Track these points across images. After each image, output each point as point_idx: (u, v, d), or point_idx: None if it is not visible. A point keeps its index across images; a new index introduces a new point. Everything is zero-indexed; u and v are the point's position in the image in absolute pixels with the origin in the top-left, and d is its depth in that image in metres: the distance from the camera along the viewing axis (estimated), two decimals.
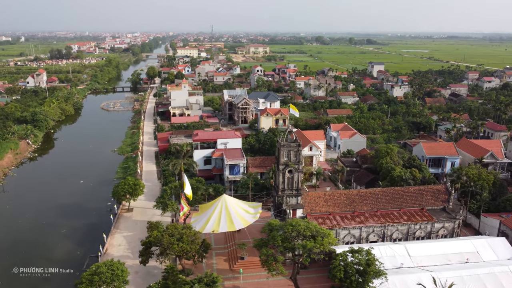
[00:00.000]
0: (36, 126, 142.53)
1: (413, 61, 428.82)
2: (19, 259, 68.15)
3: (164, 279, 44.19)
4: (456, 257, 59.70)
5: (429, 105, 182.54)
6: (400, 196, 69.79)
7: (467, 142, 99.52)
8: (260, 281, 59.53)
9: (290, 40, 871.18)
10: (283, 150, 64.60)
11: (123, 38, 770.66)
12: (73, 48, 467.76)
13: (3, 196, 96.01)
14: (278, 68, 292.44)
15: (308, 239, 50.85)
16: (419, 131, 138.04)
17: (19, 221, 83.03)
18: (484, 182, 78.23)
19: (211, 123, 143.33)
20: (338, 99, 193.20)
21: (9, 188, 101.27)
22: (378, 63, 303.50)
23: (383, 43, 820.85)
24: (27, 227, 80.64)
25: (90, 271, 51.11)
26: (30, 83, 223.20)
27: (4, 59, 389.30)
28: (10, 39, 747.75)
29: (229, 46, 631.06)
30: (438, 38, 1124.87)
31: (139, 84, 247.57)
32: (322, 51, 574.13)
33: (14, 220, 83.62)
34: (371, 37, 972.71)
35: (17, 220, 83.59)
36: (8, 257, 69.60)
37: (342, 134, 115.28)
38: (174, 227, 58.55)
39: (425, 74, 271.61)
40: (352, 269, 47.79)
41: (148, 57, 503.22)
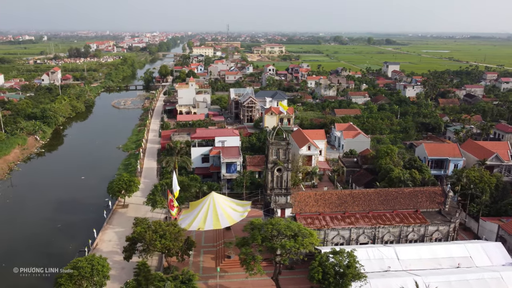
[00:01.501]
0: (45, 122, 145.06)
1: (432, 61, 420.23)
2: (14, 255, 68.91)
3: (136, 275, 43.82)
4: (447, 262, 57.64)
5: (442, 106, 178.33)
6: (394, 198, 67.93)
7: (473, 144, 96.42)
8: (244, 280, 58.69)
9: (308, 40, 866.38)
10: (272, 148, 63.66)
11: (142, 38, 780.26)
12: (91, 47, 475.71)
13: (6, 190, 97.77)
14: (291, 68, 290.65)
15: (289, 239, 49.78)
16: (428, 132, 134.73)
17: (17, 215, 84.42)
18: (486, 185, 75.51)
19: (216, 122, 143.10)
20: (348, 99, 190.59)
21: (12, 182, 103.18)
22: (393, 63, 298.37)
23: (402, 43, 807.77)
24: (24, 221, 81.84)
25: (70, 266, 51.19)
26: (45, 80, 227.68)
27: (24, 57, 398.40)
28: (33, 38, 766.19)
29: (245, 46, 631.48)
30: (460, 39, 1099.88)
31: (151, 82, 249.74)
32: (339, 51, 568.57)
33: (12, 214, 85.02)
34: (391, 37, 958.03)
35: (15, 214, 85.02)
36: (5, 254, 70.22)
37: (346, 134, 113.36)
38: (158, 223, 58.29)
39: (441, 74, 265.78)
40: (330, 270, 46.50)
41: (165, 56, 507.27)
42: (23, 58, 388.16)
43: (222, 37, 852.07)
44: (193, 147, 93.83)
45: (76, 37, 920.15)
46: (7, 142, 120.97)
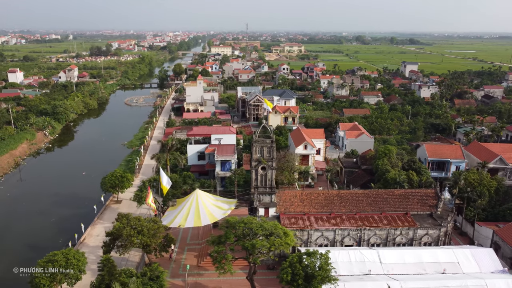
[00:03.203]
0: (55, 118, 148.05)
1: (454, 61, 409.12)
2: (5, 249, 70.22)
3: (100, 270, 43.67)
4: (432, 267, 55.33)
5: (458, 106, 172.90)
6: (383, 199, 65.79)
7: (478, 146, 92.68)
8: (223, 279, 57.86)
9: (330, 39, 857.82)
10: (256, 146, 62.66)
11: (164, 37, 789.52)
12: (112, 45, 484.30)
13: (9, 184, 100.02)
14: (307, 67, 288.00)
15: (261, 238, 48.69)
16: (437, 134, 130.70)
17: (15, 208, 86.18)
18: (485, 188, 72.37)
19: (222, 120, 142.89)
20: (360, 98, 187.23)
21: (16, 176, 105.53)
22: (411, 63, 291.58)
23: (427, 43, 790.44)
24: (20, 214, 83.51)
25: (46, 259, 51.53)
26: (62, 78, 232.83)
27: (48, 55, 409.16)
28: (59, 37, 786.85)
29: (265, 45, 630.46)
30: (488, 39, 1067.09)
31: (166, 80, 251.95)
32: (360, 51, 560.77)
33: (11, 207, 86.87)
34: (416, 37, 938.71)
35: (13, 207, 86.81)
36: None
37: (348, 134, 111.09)
38: (138, 219, 58.13)
39: (461, 74, 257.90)
40: (299, 272, 45.17)
41: (186, 55, 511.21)
42: (46, 56, 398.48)
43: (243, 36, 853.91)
44: (189, 145, 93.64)
45: (101, 36, 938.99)
46: (16, 137, 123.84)
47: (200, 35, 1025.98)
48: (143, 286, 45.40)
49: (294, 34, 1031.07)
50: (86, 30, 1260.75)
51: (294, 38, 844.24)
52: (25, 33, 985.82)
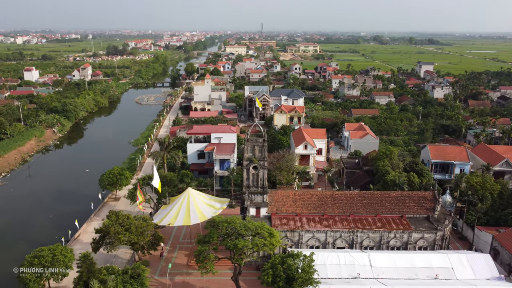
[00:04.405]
0: (65, 116, 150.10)
1: (473, 62, 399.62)
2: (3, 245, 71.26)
3: (78, 267, 43.59)
4: (424, 272, 53.57)
5: (472, 108, 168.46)
6: (379, 201, 64.14)
7: (484, 148, 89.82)
8: (211, 279, 57.28)
9: (347, 39, 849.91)
10: (247, 145, 61.88)
11: (180, 36, 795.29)
12: (129, 45, 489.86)
13: (14, 179, 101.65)
14: (320, 67, 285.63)
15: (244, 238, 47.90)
16: (445, 135, 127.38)
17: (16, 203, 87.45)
18: (487, 191, 69.83)
19: (229, 119, 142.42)
20: (371, 98, 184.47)
21: (21, 172, 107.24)
22: (427, 63, 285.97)
23: (447, 43, 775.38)
24: (22, 209, 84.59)
25: (33, 254, 51.91)
26: (75, 76, 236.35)
27: (66, 54, 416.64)
28: (79, 37, 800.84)
29: (281, 45, 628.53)
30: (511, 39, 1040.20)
31: (177, 79, 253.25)
32: (376, 51, 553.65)
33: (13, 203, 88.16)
34: (436, 37, 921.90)
35: (15, 202, 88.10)
36: None
37: (353, 134, 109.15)
38: (127, 217, 58.06)
39: (478, 75, 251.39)
40: (280, 273, 44.21)
41: (201, 54, 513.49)
42: (64, 55, 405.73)
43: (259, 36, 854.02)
44: (189, 143, 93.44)
45: (120, 35, 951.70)
46: (25, 134, 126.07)
47: (217, 34, 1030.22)
48: (124, 284, 45.17)
49: (311, 34, 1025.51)
50: (106, 30, 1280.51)
51: (311, 38, 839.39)
52: (46, 32, 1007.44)
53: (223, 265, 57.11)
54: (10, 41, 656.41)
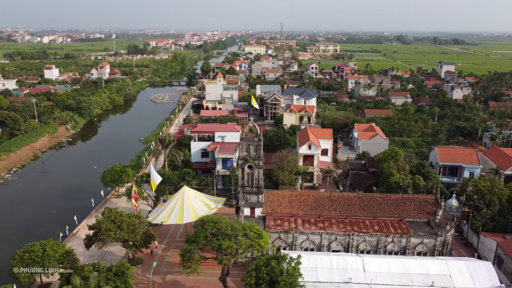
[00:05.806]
0: (79, 113, 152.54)
1: (499, 62, 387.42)
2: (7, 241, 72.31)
3: (59, 263, 43.53)
4: (420, 279, 51.35)
5: (492, 109, 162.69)
6: (378, 204, 62.10)
7: (497, 150, 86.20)
8: (202, 278, 56.66)
9: (370, 39, 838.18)
10: (242, 144, 60.85)
11: (201, 36, 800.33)
12: (150, 44, 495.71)
13: (24, 175, 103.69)
14: (338, 66, 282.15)
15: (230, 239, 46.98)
16: (460, 137, 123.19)
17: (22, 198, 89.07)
18: (495, 196, 66.79)
19: (239, 118, 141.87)
20: (387, 99, 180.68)
21: (32, 168, 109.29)
22: (448, 63, 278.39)
23: (473, 43, 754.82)
24: (27, 205, 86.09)
25: (23, 249, 52.31)
26: (94, 74, 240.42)
27: (88, 53, 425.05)
28: (102, 36, 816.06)
29: (302, 44, 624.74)
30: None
31: (194, 78, 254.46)
32: (398, 51, 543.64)
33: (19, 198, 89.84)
34: (462, 37, 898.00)
35: (21, 197, 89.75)
36: None
37: (362, 135, 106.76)
38: (119, 214, 57.92)
39: (502, 76, 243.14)
40: (264, 276, 43.07)
41: (221, 54, 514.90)
42: (86, 54, 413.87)
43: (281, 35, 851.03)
44: (193, 142, 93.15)
45: (143, 35, 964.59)
46: (38, 130, 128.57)
47: (238, 34, 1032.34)
48: (107, 281, 44.89)
49: (333, 34, 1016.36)
50: (130, 29, 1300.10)
51: (332, 37, 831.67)
52: (72, 32, 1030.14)
53: (214, 265, 56.33)
54: (37, 40, 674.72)
